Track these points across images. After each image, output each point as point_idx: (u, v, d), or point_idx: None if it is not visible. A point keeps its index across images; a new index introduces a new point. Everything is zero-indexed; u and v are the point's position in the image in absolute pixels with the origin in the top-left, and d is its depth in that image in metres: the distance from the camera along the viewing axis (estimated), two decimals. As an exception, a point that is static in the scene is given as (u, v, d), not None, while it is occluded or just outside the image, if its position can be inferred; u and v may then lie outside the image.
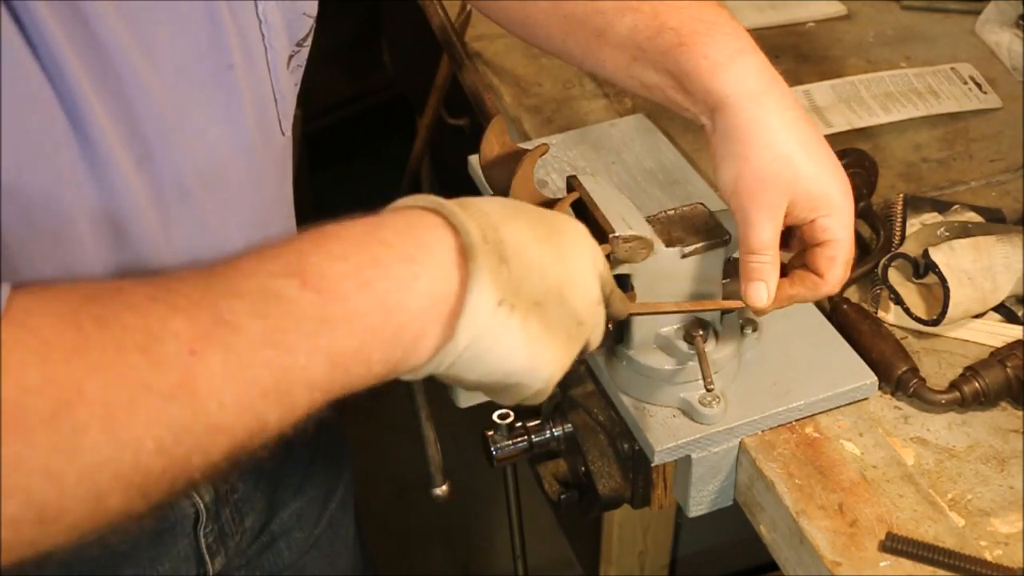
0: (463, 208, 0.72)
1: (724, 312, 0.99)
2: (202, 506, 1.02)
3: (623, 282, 0.94)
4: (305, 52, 0.94)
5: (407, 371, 0.71)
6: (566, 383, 1.06)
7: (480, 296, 0.70)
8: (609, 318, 0.84)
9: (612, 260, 0.92)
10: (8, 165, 0.72)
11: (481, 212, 0.73)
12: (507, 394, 0.77)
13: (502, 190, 0.97)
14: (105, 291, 0.62)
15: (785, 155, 0.91)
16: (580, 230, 0.79)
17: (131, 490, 0.60)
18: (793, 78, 1.44)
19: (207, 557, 1.05)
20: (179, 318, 0.62)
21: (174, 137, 0.82)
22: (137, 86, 0.78)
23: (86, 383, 0.58)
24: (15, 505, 0.57)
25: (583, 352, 0.80)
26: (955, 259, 1.07)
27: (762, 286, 0.92)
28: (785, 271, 0.95)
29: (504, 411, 1.01)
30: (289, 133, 0.95)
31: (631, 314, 0.91)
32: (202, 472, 0.63)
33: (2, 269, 0.75)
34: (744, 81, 0.93)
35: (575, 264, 0.76)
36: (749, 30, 1.60)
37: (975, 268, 1.07)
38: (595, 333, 0.80)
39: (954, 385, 1.02)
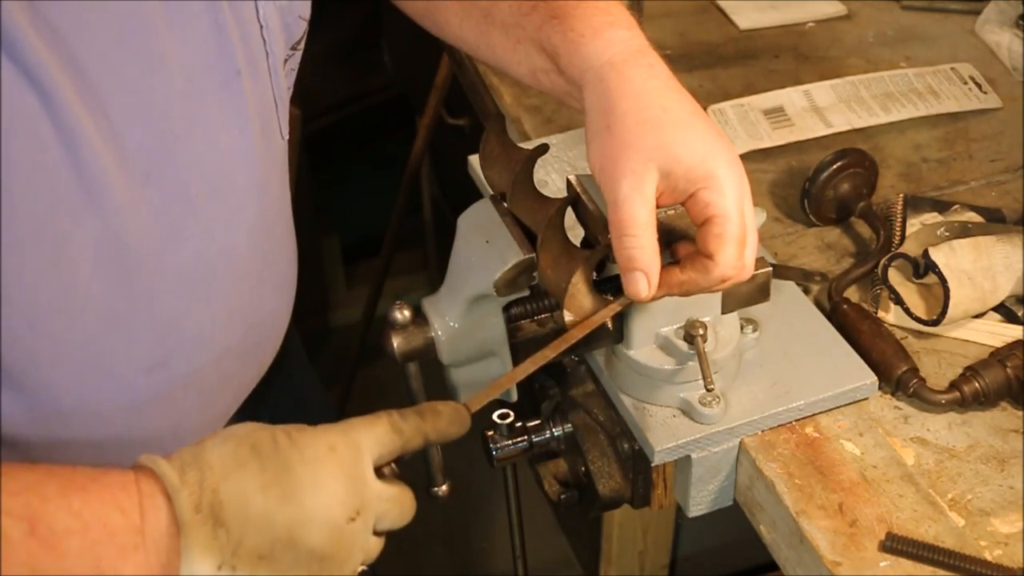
0: (184, 472, 0.73)
1: (723, 309, 0.99)
2: None
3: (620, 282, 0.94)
4: (299, 56, 0.93)
5: None
6: (566, 383, 1.06)
7: (193, 566, 0.72)
8: (448, 440, 0.82)
9: (612, 260, 0.92)
10: (1, 193, 0.72)
11: (204, 470, 0.74)
12: None
13: (502, 190, 0.97)
14: None
15: (650, 119, 0.85)
16: (318, 459, 0.76)
17: None
18: (793, 78, 1.44)
19: None
20: None
21: (182, 147, 0.82)
22: (141, 100, 0.78)
23: None
24: None
25: (386, 533, 0.79)
26: (955, 259, 1.07)
27: (640, 276, 0.86)
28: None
29: (504, 411, 1.01)
30: (287, 137, 0.95)
31: (476, 410, 0.86)
32: None
33: None
34: (607, 52, 0.88)
35: (309, 503, 0.74)
36: (749, 30, 1.61)
37: (975, 268, 1.07)
38: (383, 524, 0.79)
39: (954, 385, 1.02)
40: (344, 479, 0.76)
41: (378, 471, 0.79)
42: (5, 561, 0.67)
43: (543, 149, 0.97)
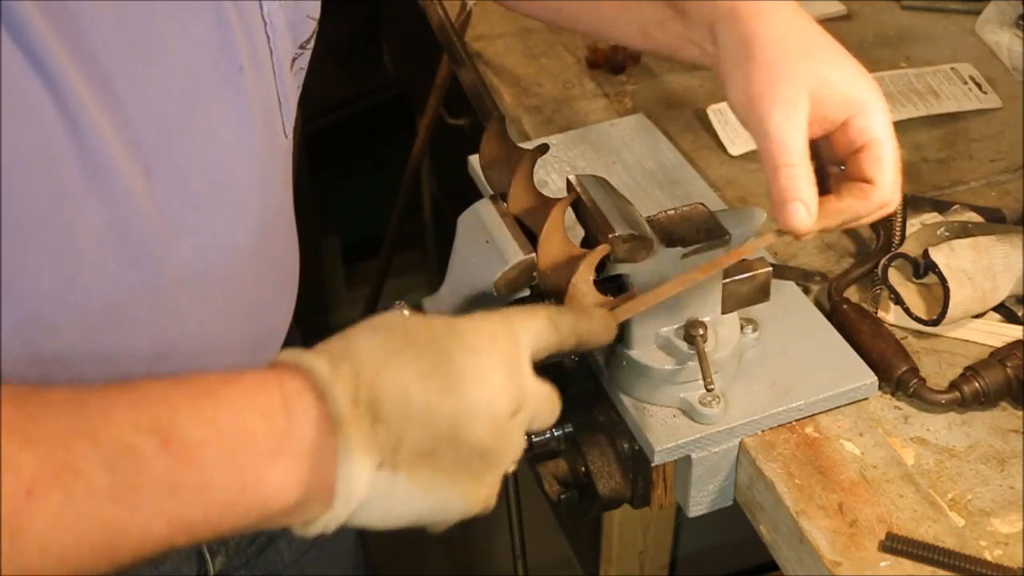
0: (336, 364, 0.68)
1: (724, 309, 0.99)
2: None
3: (622, 282, 0.94)
4: (307, 55, 0.93)
5: (284, 527, 0.69)
6: (566, 383, 1.06)
7: (351, 467, 0.67)
8: (596, 346, 0.80)
9: (612, 260, 0.92)
10: (5, 184, 0.72)
11: (358, 363, 0.68)
12: (432, 527, 0.73)
13: (502, 190, 0.97)
14: None
15: (798, 46, 0.83)
16: (479, 346, 0.71)
17: None
18: (793, 78, 1.44)
19: (208, 556, 1.05)
20: (29, 453, 0.60)
21: (183, 141, 0.82)
22: (141, 94, 0.78)
23: None
24: None
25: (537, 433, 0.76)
26: (955, 259, 1.07)
27: (800, 205, 0.82)
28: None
29: (504, 411, 1.01)
30: (291, 136, 0.95)
31: (625, 319, 0.86)
32: None
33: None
34: None
35: (471, 393, 0.69)
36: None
37: (975, 268, 1.07)
38: (537, 423, 0.75)
39: (954, 385, 1.02)
40: (506, 371, 0.71)
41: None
42: (142, 480, 0.63)
43: (543, 149, 0.97)
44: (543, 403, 0.76)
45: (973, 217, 1.20)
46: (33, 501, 0.59)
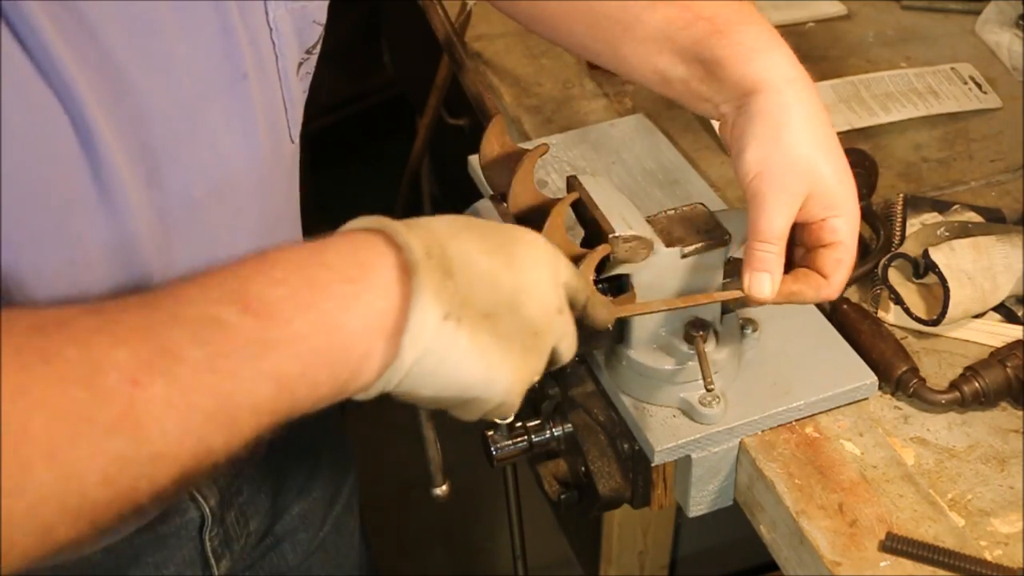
0: (408, 227, 0.72)
1: (724, 310, 0.99)
2: (207, 510, 1.02)
3: (622, 282, 0.94)
4: (314, 59, 0.93)
5: (357, 390, 0.70)
6: (566, 383, 1.06)
7: (423, 312, 0.69)
8: (591, 326, 0.83)
9: (612, 260, 0.92)
10: (23, 194, 0.72)
11: (427, 229, 0.73)
12: (467, 409, 0.76)
13: (502, 190, 0.97)
14: (50, 322, 0.62)
15: (812, 147, 0.91)
16: (536, 241, 0.78)
17: (78, 521, 0.60)
18: (793, 78, 1.44)
19: (212, 560, 1.05)
20: (122, 349, 0.61)
21: (186, 150, 0.82)
22: (147, 101, 0.78)
23: (31, 421, 0.57)
24: None
25: (553, 364, 0.79)
26: (955, 259, 1.07)
27: (767, 277, 0.91)
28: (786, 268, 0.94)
29: (504, 411, 1.01)
30: (297, 140, 0.95)
31: (620, 317, 0.89)
32: (149, 498, 0.62)
33: (17, 293, 0.75)
34: (780, 67, 0.93)
35: (529, 274, 0.75)
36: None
37: (975, 268, 1.07)
38: (563, 343, 0.79)
39: (954, 385, 1.02)
40: (553, 274, 0.77)
41: None
42: (233, 345, 0.64)
43: (543, 149, 0.97)
44: (571, 329, 0.80)
45: (973, 217, 1.20)
46: (140, 389, 0.61)
